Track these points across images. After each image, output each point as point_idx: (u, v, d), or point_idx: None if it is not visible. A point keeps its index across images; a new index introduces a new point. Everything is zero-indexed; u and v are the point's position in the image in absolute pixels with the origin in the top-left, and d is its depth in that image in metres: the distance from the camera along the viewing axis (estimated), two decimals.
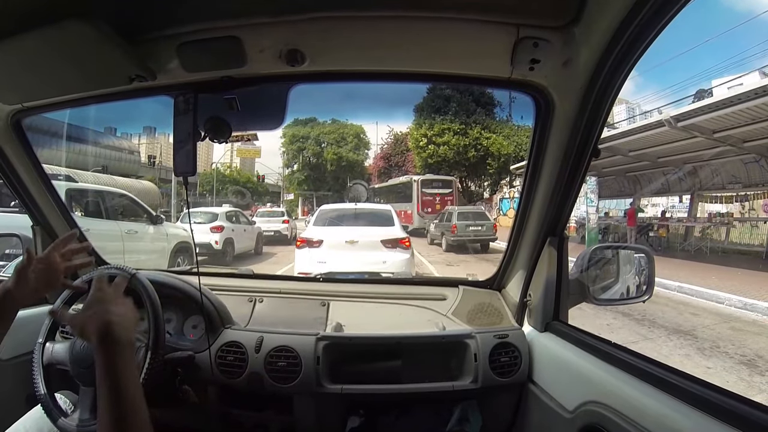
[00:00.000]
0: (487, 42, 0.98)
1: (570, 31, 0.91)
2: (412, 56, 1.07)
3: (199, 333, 1.44)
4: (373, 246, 5.87)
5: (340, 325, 1.50)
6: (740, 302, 6.43)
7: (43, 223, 1.61)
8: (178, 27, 0.96)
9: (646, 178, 14.82)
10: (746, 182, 11.93)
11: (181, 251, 7.93)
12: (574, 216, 12.51)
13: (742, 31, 61.54)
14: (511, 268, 1.58)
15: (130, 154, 26.75)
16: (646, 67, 32.56)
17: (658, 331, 5.32)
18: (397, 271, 5.59)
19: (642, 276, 1.45)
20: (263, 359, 1.34)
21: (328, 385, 1.34)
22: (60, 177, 7.37)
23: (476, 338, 1.38)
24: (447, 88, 19.87)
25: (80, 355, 1.14)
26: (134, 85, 1.08)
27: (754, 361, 4.25)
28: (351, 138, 31.02)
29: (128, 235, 7.01)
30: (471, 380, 1.35)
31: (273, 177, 35.73)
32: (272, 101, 1.20)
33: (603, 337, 1.17)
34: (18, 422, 1.19)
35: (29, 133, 1.41)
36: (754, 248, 11.41)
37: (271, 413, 1.40)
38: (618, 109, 36.99)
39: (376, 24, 0.94)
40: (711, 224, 12.91)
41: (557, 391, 1.21)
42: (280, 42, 0.99)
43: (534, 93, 1.12)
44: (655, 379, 0.91)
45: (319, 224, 6.61)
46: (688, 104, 9.94)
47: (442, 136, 21.94)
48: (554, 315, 1.34)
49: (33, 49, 0.92)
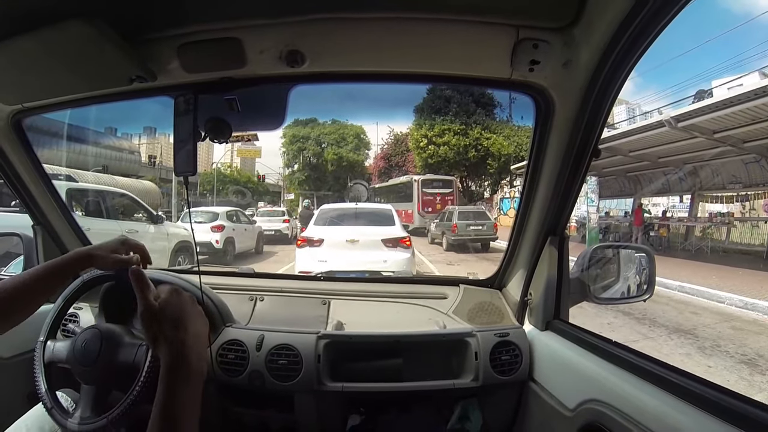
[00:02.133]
0: (486, 43, 0.98)
1: (570, 33, 0.91)
2: (412, 57, 1.07)
3: None
4: (373, 245, 5.87)
5: (341, 323, 1.50)
6: (741, 301, 6.43)
7: (44, 223, 1.61)
8: (179, 28, 0.96)
9: (647, 178, 14.81)
10: (747, 182, 11.92)
11: (182, 250, 7.94)
12: (575, 216, 12.53)
13: (742, 32, 61.48)
14: (512, 267, 1.58)
15: (130, 154, 26.75)
16: (646, 67, 32.58)
17: (658, 330, 5.32)
18: (398, 270, 5.59)
19: (643, 275, 1.45)
20: (264, 357, 1.35)
21: (328, 383, 1.34)
22: (61, 177, 7.39)
23: (477, 337, 1.38)
24: (447, 89, 19.86)
25: (81, 353, 1.14)
26: (134, 86, 1.08)
27: (755, 360, 4.25)
28: (351, 138, 31.01)
29: (129, 235, 7.01)
30: (472, 378, 1.35)
31: (273, 177, 35.78)
32: (272, 102, 1.20)
33: (604, 335, 1.17)
34: (19, 420, 1.19)
35: (30, 134, 1.42)
36: (754, 248, 11.41)
37: (272, 411, 1.40)
38: (618, 110, 36.97)
39: (377, 25, 0.95)
40: (711, 224, 12.92)
41: (558, 389, 1.21)
42: (281, 43, 0.99)
43: (534, 94, 1.12)
44: (656, 377, 0.91)
45: (320, 224, 6.62)
46: (689, 105, 9.93)
47: (442, 137, 21.95)
48: (555, 314, 1.34)
49: (33, 50, 0.92)
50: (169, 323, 0.72)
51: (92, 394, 1.14)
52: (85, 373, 1.14)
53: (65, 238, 1.67)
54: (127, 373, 1.09)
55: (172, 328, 0.71)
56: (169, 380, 0.66)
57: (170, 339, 0.69)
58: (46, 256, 1.63)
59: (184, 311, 0.77)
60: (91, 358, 1.13)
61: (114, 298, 1.40)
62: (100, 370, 1.14)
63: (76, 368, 1.15)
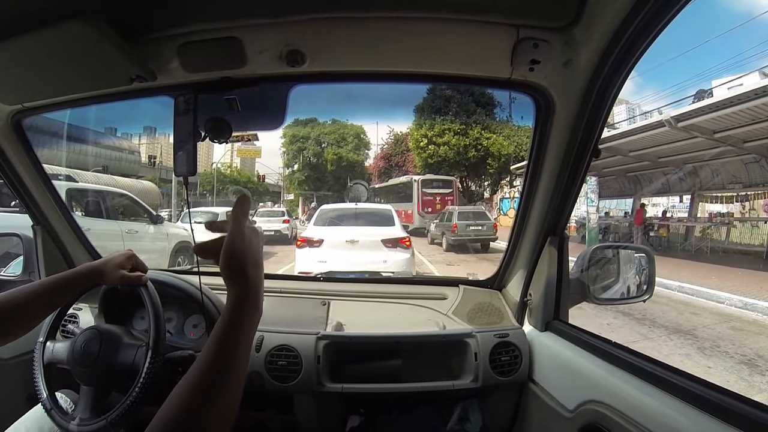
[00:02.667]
0: (487, 43, 0.98)
1: (570, 32, 0.91)
2: (412, 57, 1.07)
3: (200, 332, 1.44)
4: (373, 245, 5.87)
5: (341, 324, 1.50)
6: (740, 302, 6.43)
7: (44, 223, 1.61)
8: (179, 28, 0.96)
9: (647, 178, 14.82)
10: (746, 182, 11.92)
11: (182, 251, 7.92)
12: (575, 216, 12.52)
13: (742, 32, 61.50)
14: (512, 268, 1.58)
15: (130, 154, 26.72)
16: (646, 67, 32.57)
17: (658, 330, 5.32)
18: (398, 271, 5.59)
19: (642, 275, 1.45)
20: (264, 358, 1.35)
21: (328, 384, 1.34)
22: (60, 177, 7.38)
23: (477, 337, 1.38)
24: (447, 89, 19.82)
25: (81, 354, 1.14)
26: (134, 86, 1.08)
27: (755, 360, 4.25)
28: (351, 138, 30.99)
29: (129, 235, 7.02)
30: (471, 379, 1.35)
31: (273, 177, 35.79)
32: (272, 102, 1.20)
33: (603, 336, 1.17)
34: (18, 421, 1.19)
35: (30, 133, 1.41)
36: (754, 248, 11.39)
37: (272, 412, 1.40)
38: (618, 110, 36.98)
39: (377, 25, 0.94)
40: (711, 224, 12.91)
41: (557, 390, 1.21)
42: (281, 42, 0.99)
43: (534, 93, 1.12)
44: (656, 378, 0.91)
45: (320, 224, 6.62)
46: (689, 104, 9.94)
47: (442, 137, 21.93)
48: (555, 314, 1.34)
49: (33, 50, 0.92)
50: (251, 261, 0.71)
51: (92, 395, 1.14)
52: (84, 374, 1.14)
53: (65, 239, 1.67)
54: (127, 374, 1.09)
55: (254, 267, 0.71)
56: (239, 311, 0.66)
57: (251, 276, 0.69)
58: (46, 256, 1.63)
59: (261, 252, 0.78)
60: (91, 359, 1.13)
61: (113, 299, 1.40)
62: (99, 371, 1.14)
63: (75, 369, 1.15)
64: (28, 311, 0.93)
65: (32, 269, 1.68)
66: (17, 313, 0.90)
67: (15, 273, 1.79)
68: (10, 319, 0.89)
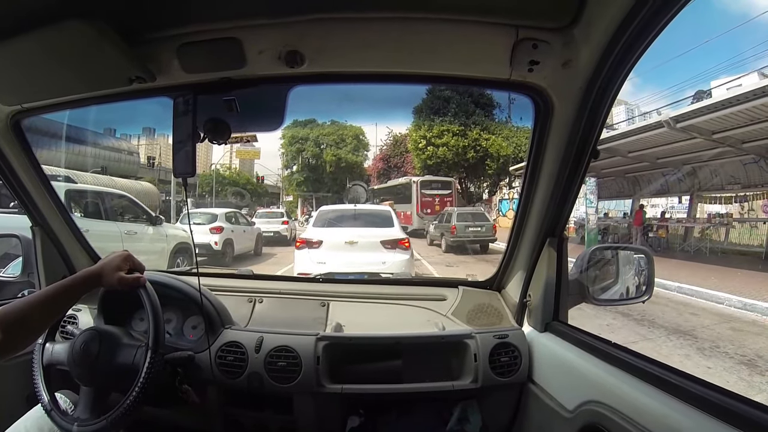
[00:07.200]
0: (486, 43, 0.98)
1: (569, 33, 0.91)
2: (411, 58, 1.07)
3: (199, 333, 1.44)
4: (372, 247, 5.86)
5: (340, 325, 1.50)
6: (740, 302, 6.43)
7: (43, 224, 1.61)
8: (178, 28, 0.96)
9: (646, 179, 14.83)
10: (745, 183, 11.95)
11: (181, 252, 7.91)
12: (574, 217, 12.54)
13: (741, 33, 61.66)
14: (511, 269, 1.58)
15: (129, 155, 26.66)
16: (645, 68, 32.59)
17: (657, 331, 5.32)
18: (397, 272, 5.58)
19: (641, 276, 1.45)
20: (263, 359, 1.34)
21: (328, 384, 1.34)
22: (59, 178, 7.36)
23: (476, 338, 1.38)
24: (446, 90, 19.81)
25: (80, 355, 1.14)
26: (134, 87, 1.08)
27: (754, 361, 4.25)
28: (350, 139, 30.96)
29: (128, 236, 7.00)
30: (471, 380, 1.35)
31: (272, 178, 35.74)
32: (272, 102, 1.20)
33: (603, 337, 1.17)
34: (18, 422, 1.19)
35: (29, 134, 1.41)
36: (753, 249, 11.41)
37: (271, 413, 1.40)
38: (617, 110, 36.97)
39: (376, 25, 0.95)
40: (710, 225, 12.94)
41: (557, 390, 1.21)
42: (280, 43, 0.99)
43: (533, 94, 1.13)
44: (655, 378, 0.91)
45: (319, 225, 6.61)
46: (688, 105, 9.95)
47: (441, 138, 21.90)
48: (554, 315, 1.34)
49: (32, 50, 0.92)
50: None
51: (91, 395, 1.14)
52: (83, 374, 1.14)
53: (64, 240, 1.66)
54: (126, 374, 1.09)
55: None
56: None
57: None
58: (45, 257, 1.63)
59: None
60: (90, 359, 1.13)
61: (113, 300, 1.40)
62: (98, 372, 1.14)
63: (74, 370, 1.15)
64: (29, 325, 0.93)
65: (31, 270, 1.68)
66: (18, 328, 0.90)
67: (14, 274, 1.79)
68: (13, 334, 0.88)
